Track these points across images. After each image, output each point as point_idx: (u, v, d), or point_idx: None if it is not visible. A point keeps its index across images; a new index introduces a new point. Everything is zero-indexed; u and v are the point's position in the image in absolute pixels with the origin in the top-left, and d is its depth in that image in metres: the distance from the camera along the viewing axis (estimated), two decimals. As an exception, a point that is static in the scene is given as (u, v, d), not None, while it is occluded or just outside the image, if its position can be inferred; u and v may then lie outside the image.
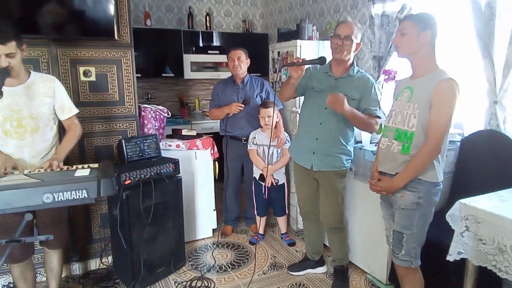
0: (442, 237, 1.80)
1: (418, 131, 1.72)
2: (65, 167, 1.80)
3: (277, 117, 2.95)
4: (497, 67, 2.18)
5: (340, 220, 2.44)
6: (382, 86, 2.96)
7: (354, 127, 2.31)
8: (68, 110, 2.06)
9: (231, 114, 3.03)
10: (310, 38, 3.42)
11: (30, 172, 1.70)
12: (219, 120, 3.21)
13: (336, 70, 2.27)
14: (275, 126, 2.94)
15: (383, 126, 2.41)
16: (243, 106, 2.98)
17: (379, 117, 2.24)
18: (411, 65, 1.82)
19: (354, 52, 2.21)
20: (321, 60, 2.06)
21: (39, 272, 2.37)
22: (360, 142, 2.61)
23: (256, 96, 3.09)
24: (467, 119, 2.49)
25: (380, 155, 1.93)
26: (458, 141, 2.40)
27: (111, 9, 2.38)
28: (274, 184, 2.99)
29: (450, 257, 1.68)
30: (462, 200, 1.67)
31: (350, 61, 2.26)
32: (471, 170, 2.27)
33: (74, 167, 1.79)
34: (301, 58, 2.12)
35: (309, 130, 2.31)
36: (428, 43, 1.72)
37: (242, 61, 3.00)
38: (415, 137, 1.73)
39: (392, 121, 1.86)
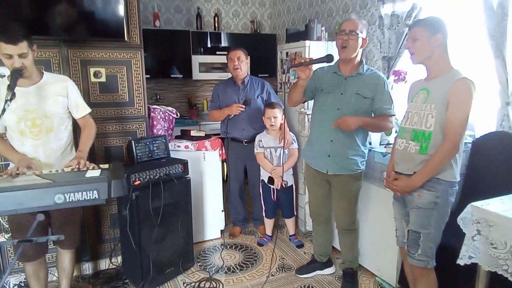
0: (454, 240, 1.79)
1: (436, 130, 1.73)
2: (91, 166, 1.81)
3: (282, 118, 2.94)
4: (510, 67, 2.15)
5: (352, 221, 2.44)
6: (392, 87, 2.94)
7: None
8: (82, 108, 2.09)
9: (231, 116, 3.02)
10: (318, 39, 3.41)
11: (41, 172, 1.72)
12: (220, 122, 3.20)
13: (345, 69, 2.24)
14: (280, 127, 2.93)
15: (397, 128, 2.39)
16: (243, 107, 2.95)
17: (394, 115, 2.22)
18: (426, 68, 1.84)
19: (360, 47, 2.18)
20: (329, 58, 2.04)
21: (50, 272, 2.39)
22: (370, 143, 2.60)
23: (257, 97, 3.07)
24: (478, 121, 2.46)
25: (396, 156, 1.93)
26: (470, 143, 2.37)
27: (121, 10, 2.40)
28: (284, 186, 2.98)
29: (460, 261, 1.66)
30: (474, 203, 1.65)
31: (358, 59, 2.23)
32: (482, 172, 2.24)
33: (86, 167, 1.80)
34: (308, 57, 2.11)
35: (323, 133, 2.28)
36: (440, 45, 1.75)
37: (242, 61, 2.99)
38: (433, 137, 1.74)
39: (409, 122, 1.86)
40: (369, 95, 2.18)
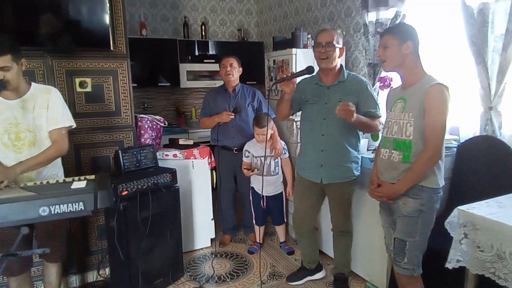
0: (441, 244, 1.80)
1: (416, 138, 1.74)
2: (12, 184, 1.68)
3: (272, 129, 2.93)
4: (491, 73, 2.20)
5: (349, 223, 2.46)
6: (378, 93, 2.98)
7: (358, 133, 2.32)
8: (54, 122, 1.94)
9: (221, 123, 3.02)
10: (305, 46, 3.44)
11: (26, 185, 1.68)
12: (210, 130, 3.19)
13: (326, 79, 2.27)
14: (270, 137, 2.93)
15: (380, 136, 2.41)
16: (233, 114, 2.96)
17: (380, 116, 2.25)
18: (400, 76, 1.87)
19: (338, 57, 2.22)
20: (309, 69, 2.08)
21: (36, 286, 2.33)
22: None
23: (248, 105, 3.08)
24: (462, 125, 2.50)
25: (380, 166, 1.93)
26: (455, 147, 2.41)
27: (107, 19, 2.39)
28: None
29: (449, 265, 1.68)
30: (460, 207, 1.67)
31: (338, 67, 2.26)
32: (467, 176, 2.28)
33: (71, 179, 1.78)
34: (289, 72, 2.13)
35: (313, 143, 2.30)
36: (411, 53, 1.77)
37: (234, 68, 3.01)
38: (414, 145, 1.75)
39: (389, 131, 1.87)
40: (353, 100, 2.19)
